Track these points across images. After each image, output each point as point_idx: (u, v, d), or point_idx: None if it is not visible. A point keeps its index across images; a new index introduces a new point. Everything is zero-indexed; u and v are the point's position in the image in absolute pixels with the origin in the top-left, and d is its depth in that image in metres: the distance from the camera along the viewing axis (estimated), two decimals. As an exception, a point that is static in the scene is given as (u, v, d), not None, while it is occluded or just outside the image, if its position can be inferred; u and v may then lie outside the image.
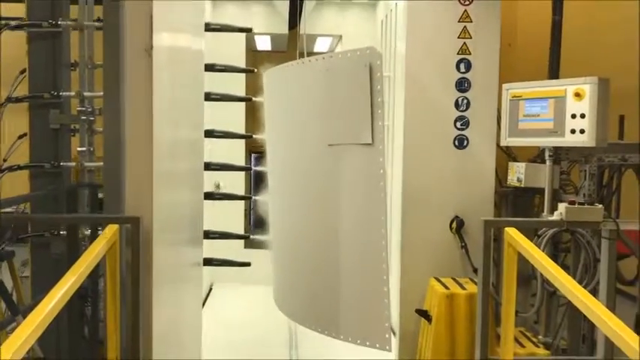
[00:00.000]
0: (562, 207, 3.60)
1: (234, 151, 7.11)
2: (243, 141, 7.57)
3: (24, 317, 3.58)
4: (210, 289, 7.51)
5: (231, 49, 7.31)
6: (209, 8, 7.15)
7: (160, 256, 3.33)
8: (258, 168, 5.53)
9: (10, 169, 4.79)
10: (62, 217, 4.09)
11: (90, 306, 4.62)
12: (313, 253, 4.20)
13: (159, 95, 3.29)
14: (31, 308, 4.02)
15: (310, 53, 4.98)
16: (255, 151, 9.46)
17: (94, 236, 4.56)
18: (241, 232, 7.71)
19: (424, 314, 4.59)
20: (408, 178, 4.89)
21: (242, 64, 7.51)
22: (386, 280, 3.61)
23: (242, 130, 7.36)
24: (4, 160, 5.42)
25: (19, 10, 5.86)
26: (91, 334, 4.45)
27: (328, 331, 4.07)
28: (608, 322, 2.30)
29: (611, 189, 4.89)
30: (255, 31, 7.88)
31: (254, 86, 7.45)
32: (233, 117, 7.03)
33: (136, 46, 3.18)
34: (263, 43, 8.72)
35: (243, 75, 7.49)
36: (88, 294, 4.89)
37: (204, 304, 6.75)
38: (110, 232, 2.96)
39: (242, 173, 7.77)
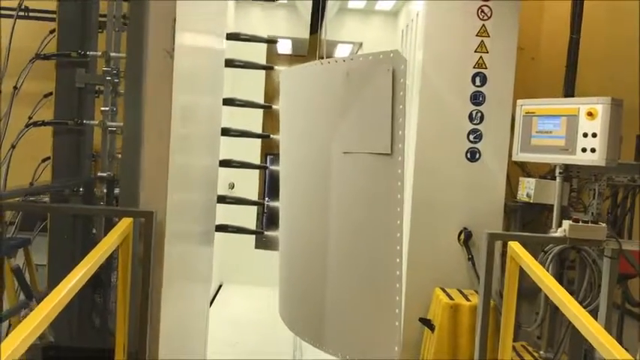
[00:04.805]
0: (566, 224, 3.64)
1: (250, 152, 7.17)
2: (258, 143, 7.67)
3: (38, 303, 3.70)
4: (219, 289, 7.60)
5: (252, 52, 7.38)
6: (232, 11, 7.25)
7: (171, 252, 3.41)
8: (274, 167, 5.55)
9: (35, 124, 4.93)
10: (79, 208, 4.19)
11: (101, 297, 4.74)
12: (319, 264, 4.17)
13: (177, 95, 3.38)
14: (45, 295, 4.14)
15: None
16: (271, 153, 9.55)
17: (108, 227, 4.69)
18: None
19: (427, 323, 4.64)
20: (418, 188, 4.94)
21: (263, 57, 7.61)
22: (398, 302, 3.60)
23: (259, 129, 7.47)
24: (29, 118, 5.53)
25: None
26: (102, 324, 4.56)
27: (334, 349, 4.09)
28: (603, 341, 2.34)
29: (624, 208, 4.91)
30: (277, 34, 8.02)
31: (272, 89, 7.56)
32: (251, 117, 7.10)
33: (158, 46, 3.27)
34: (284, 47, 8.82)
35: (263, 77, 7.59)
36: (100, 285, 5.02)
37: (212, 303, 6.84)
38: (124, 224, 3.04)
39: (256, 174, 7.87)
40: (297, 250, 4.58)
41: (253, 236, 7.90)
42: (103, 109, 4.97)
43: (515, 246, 3.25)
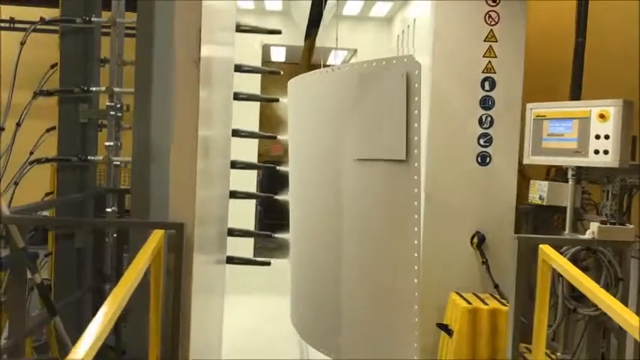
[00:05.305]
0: (594, 226, 3.68)
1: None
2: (255, 150, 7.61)
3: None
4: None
5: (248, 60, 7.34)
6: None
7: (197, 264, 3.37)
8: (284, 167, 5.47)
9: (39, 161, 4.86)
10: (108, 222, 4.15)
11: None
12: (334, 274, 4.13)
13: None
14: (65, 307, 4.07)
15: (325, 66, 4.98)
16: (263, 161, 9.49)
17: (120, 241, 4.63)
18: (250, 238, 7.75)
19: (445, 328, 4.64)
20: (430, 193, 4.94)
21: (258, 75, 7.58)
22: (416, 310, 3.61)
23: (255, 148, 7.42)
24: (31, 153, 5.50)
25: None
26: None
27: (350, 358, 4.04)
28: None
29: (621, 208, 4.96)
30: (270, 42, 8.00)
31: (268, 111, 7.50)
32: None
33: (184, 56, 3.24)
34: (278, 55, 8.80)
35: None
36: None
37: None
38: (156, 237, 3.00)
39: (252, 184, 7.80)
40: (311, 260, 4.55)
41: (252, 245, 7.85)
42: (107, 143, 4.93)
43: (546, 249, 3.27)
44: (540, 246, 3.28)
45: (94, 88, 4.78)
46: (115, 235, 4.69)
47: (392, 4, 7.12)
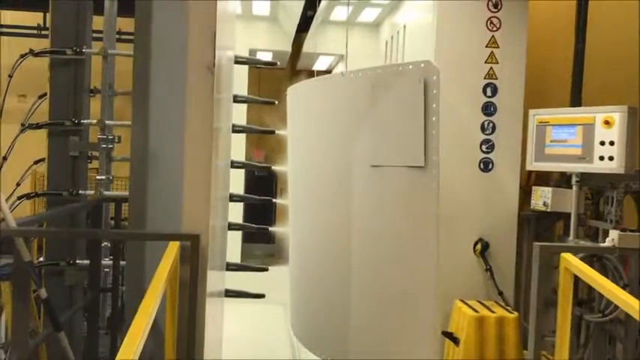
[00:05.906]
0: (614, 234, 3.67)
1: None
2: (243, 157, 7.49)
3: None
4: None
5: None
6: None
7: (210, 277, 3.27)
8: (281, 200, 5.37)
9: (28, 196, 4.69)
10: (121, 233, 4.00)
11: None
12: (347, 282, 4.06)
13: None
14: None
15: (312, 71, 4.90)
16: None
17: (116, 253, 4.50)
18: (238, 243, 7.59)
19: (450, 336, 4.59)
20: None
21: (245, 80, 7.50)
22: (433, 319, 3.55)
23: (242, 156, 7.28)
24: (17, 185, 5.33)
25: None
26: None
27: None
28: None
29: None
30: (257, 47, 7.92)
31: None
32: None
33: (198, 63, 3.13)
34: (264, 60, 8.68)
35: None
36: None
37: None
38: (173, 250, 2.88)
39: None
40: (322, 268, 4.45)
41: (239, 251, 7.70)
42: (98, 177, 4.76)
43: (568, 257, 3.23)
44: (562, 254, 3.25)
45: (84, 121, 4.63)
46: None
47: (380, 10, 7.08)
